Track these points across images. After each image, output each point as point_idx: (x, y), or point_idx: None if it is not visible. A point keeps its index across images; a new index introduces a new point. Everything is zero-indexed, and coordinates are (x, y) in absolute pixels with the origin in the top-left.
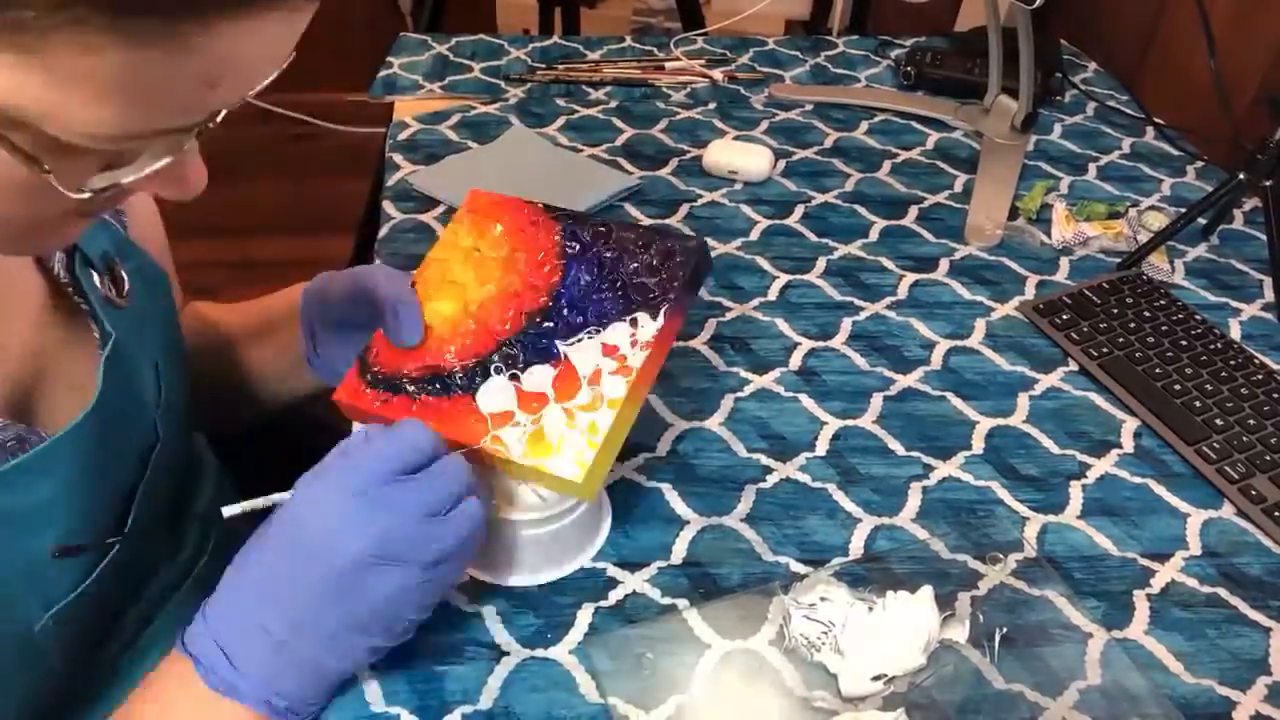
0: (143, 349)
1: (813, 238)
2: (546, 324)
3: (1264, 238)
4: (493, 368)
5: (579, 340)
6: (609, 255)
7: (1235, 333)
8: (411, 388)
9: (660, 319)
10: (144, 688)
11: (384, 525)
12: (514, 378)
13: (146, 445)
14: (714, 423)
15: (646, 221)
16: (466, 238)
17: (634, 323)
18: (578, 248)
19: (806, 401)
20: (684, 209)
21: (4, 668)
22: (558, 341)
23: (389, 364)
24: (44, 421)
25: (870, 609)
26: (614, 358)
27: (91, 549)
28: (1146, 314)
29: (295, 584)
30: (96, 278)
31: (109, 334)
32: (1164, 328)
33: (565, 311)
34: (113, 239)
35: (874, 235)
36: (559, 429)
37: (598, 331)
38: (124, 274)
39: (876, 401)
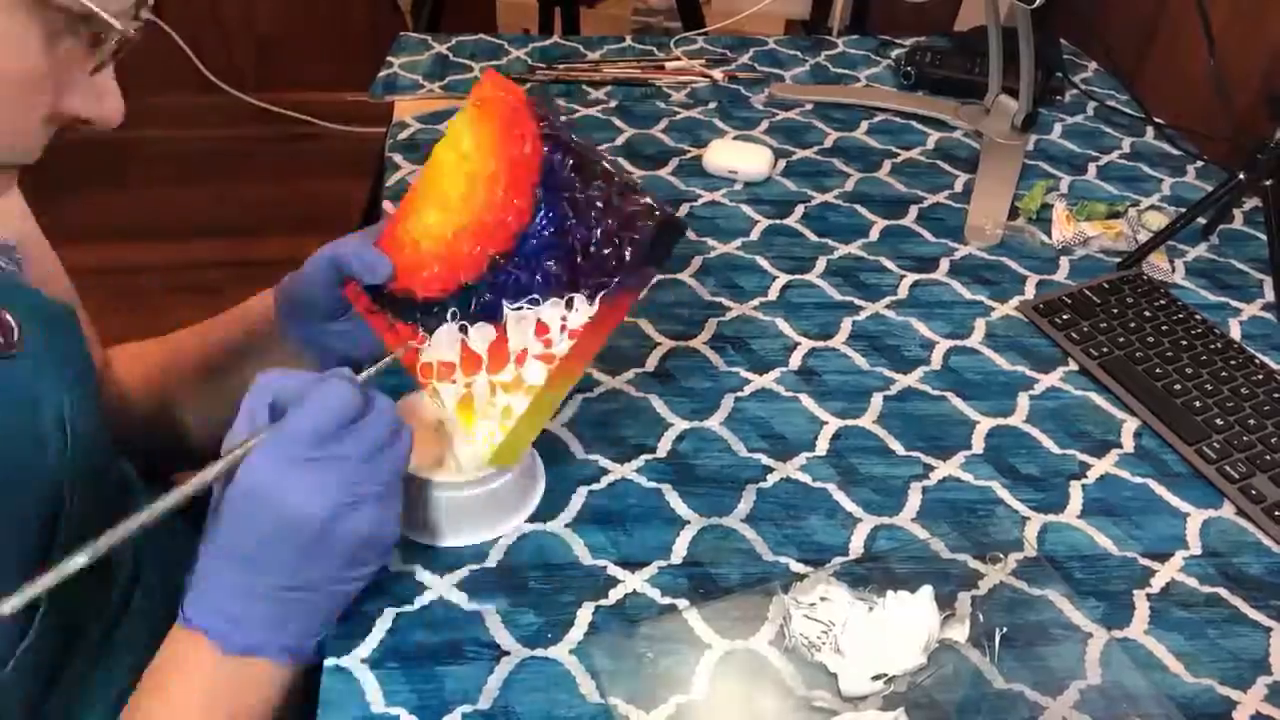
0: (42, 397)
1: (813, 237)
2: (500, 276)
3: (1264, 237)
4: (449, 312)
5: (520, 309)
6: (575, 207)
7: (1235, 332)
8: (390, 310)
9: (595, 306)
10: (150, 674)
11: (338, 479)
12: (463, 329)
13: (50, 510)
14: (714, 422)
15: None
16: (466, 138)
17: (569, 304)
18: (554, 186)
19: (807, 401)
20: (684, 208)
21: None
22: (505, 302)
23: None
24: None
25: (870, 609)
26: (541, 340)
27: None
28: (1147, 314)
29: (274, 557)
30: None
31: None
32: (1164, 327)
33: (519, 265)
34: None
35: (874, 235)
36: (483, 401)
37: (536, 304)
38: (12, 320)
39: (877, 401)
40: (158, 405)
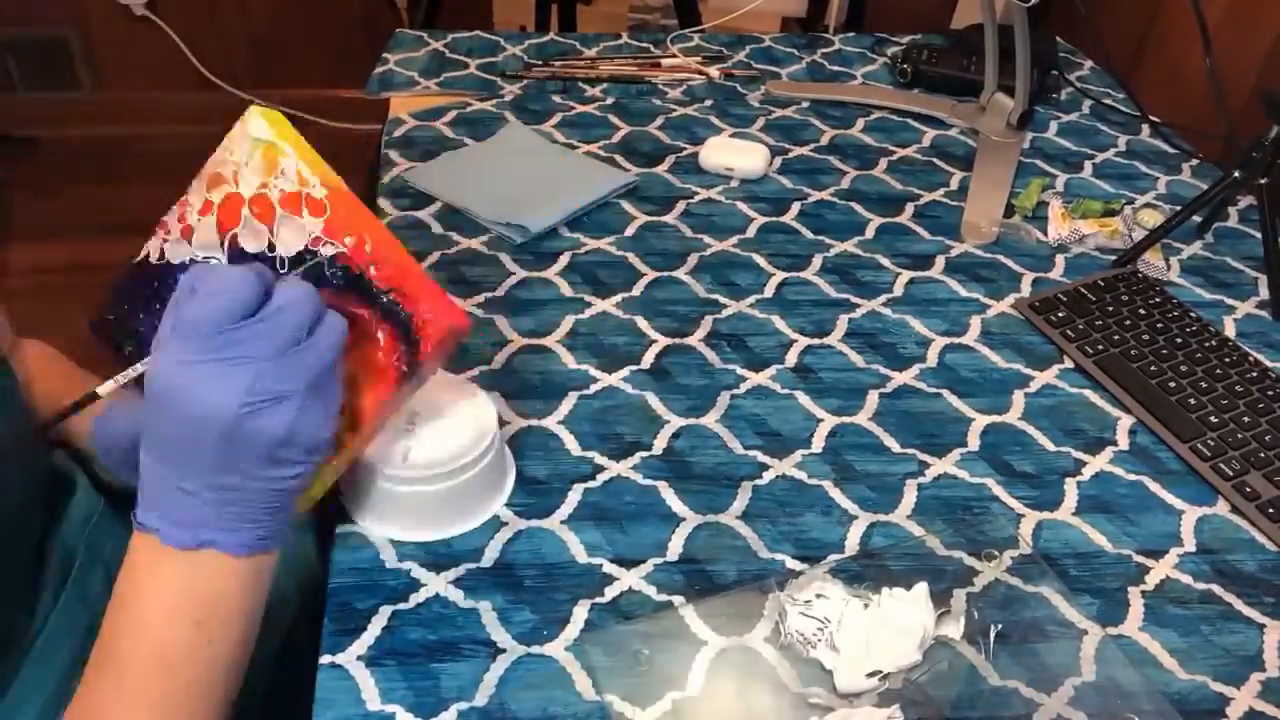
0: None
1: (809, 235)
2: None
3: (1259, 235)
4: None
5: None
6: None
7: (1230, 330)
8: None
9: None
10: (115, 588)
11: (245, 374)
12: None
13: None
14: (710, 420)
15: (642, 219)
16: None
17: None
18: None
19: (802, 398)
20: (680, 206)
21: None
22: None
23: None
24: None
25: (866, 605)
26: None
27: None
28: (1142, 311)
29: (195, 453)
30: None
31: None
32: (1159, 325)
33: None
34: None
35: (870, 233)
36: None
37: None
38: None
39: (872, 399)
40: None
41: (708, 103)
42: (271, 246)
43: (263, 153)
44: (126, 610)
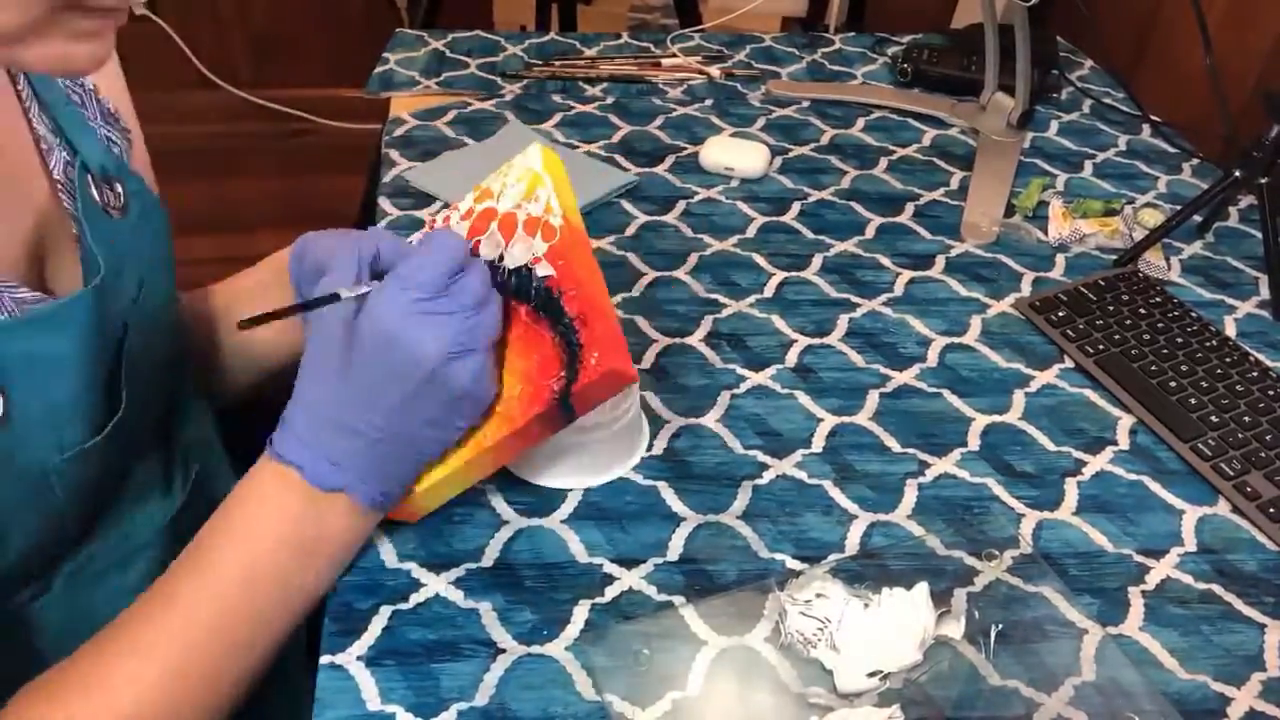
0: (129, 259)
1: (809, 234)
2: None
3: (1259, 235)
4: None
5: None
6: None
7: (1230, 330)
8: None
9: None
10: (225, 506)
11: (452, 326)
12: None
13: (116, 339)
14: (710, 419)
15: (642, 219)
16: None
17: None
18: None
19: (803, 398)
20: (680, 206)
21: (20, 498)
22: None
23: None
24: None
25: (866, 605)
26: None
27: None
28: (1142, 311)
29: (386, 396)
30: (94, 188)
31: (87, 241)
32: (1159, 325)
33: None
34: (114, 161)
35: (870, 232)
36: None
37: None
38: (122, 192)
39: (872, 398)
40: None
41: (708, 102)
42: (501, 258)
43: (530, 180)
44: (232, 524)
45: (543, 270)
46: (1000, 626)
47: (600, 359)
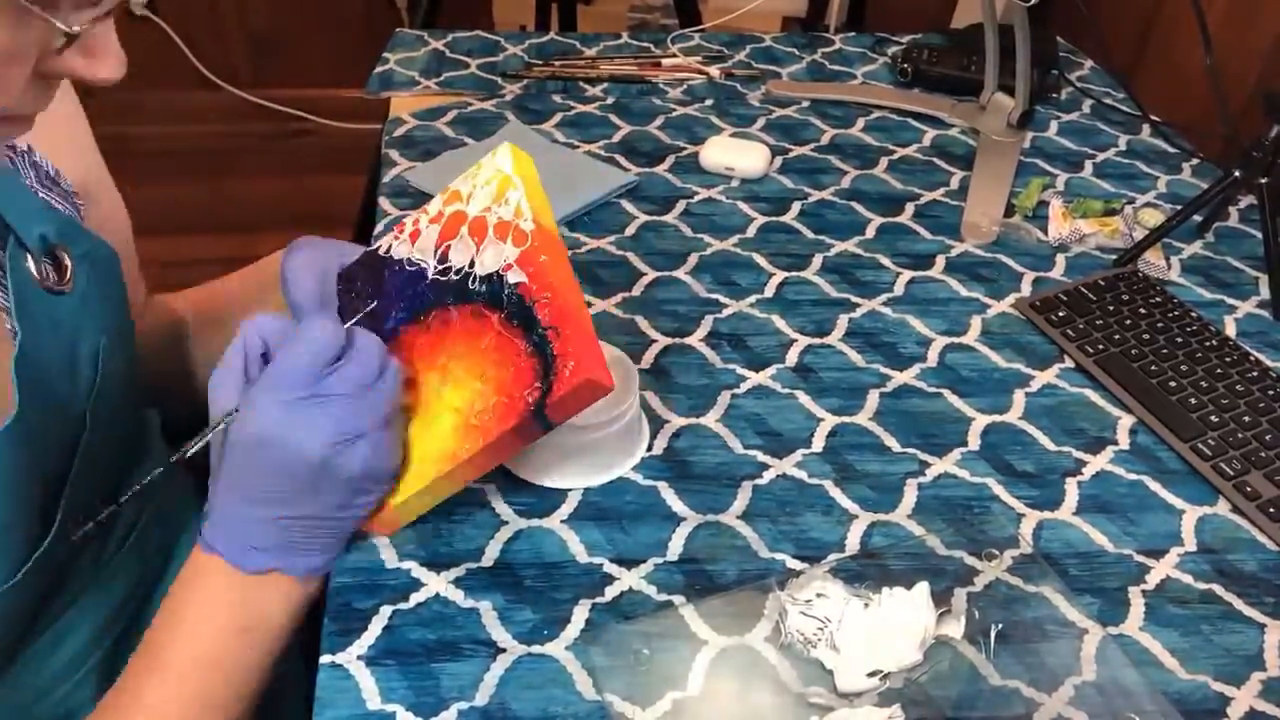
0: (82, 333)
1: (809, 234)
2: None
3: (1259, 235)
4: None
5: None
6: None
7: (1231, 330)
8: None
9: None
10: (169, 597)
11: (332, 414)
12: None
13: (73, 435)
14: (710, 419)
15: (643, 218)
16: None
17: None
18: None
19: (803, 398)
20: (681, 205)
21: None
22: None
23: None
24: None
25: (866, 605)
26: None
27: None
28: (1142, 311)
29: (277, 493)
30: (32, 264)
31: (18, 332)
32: (1160, 325)
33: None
34: (57, 224)
35: (870, 232)
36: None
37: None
38: (68, 259)
39: (873, 398)
40: (175, 357)
41: (708, 102)
42: (472, 263)
43: (499, 182)
44: (177, 617)
45: (514, 277)
46: (1000, 626)
47: (576, 369)
